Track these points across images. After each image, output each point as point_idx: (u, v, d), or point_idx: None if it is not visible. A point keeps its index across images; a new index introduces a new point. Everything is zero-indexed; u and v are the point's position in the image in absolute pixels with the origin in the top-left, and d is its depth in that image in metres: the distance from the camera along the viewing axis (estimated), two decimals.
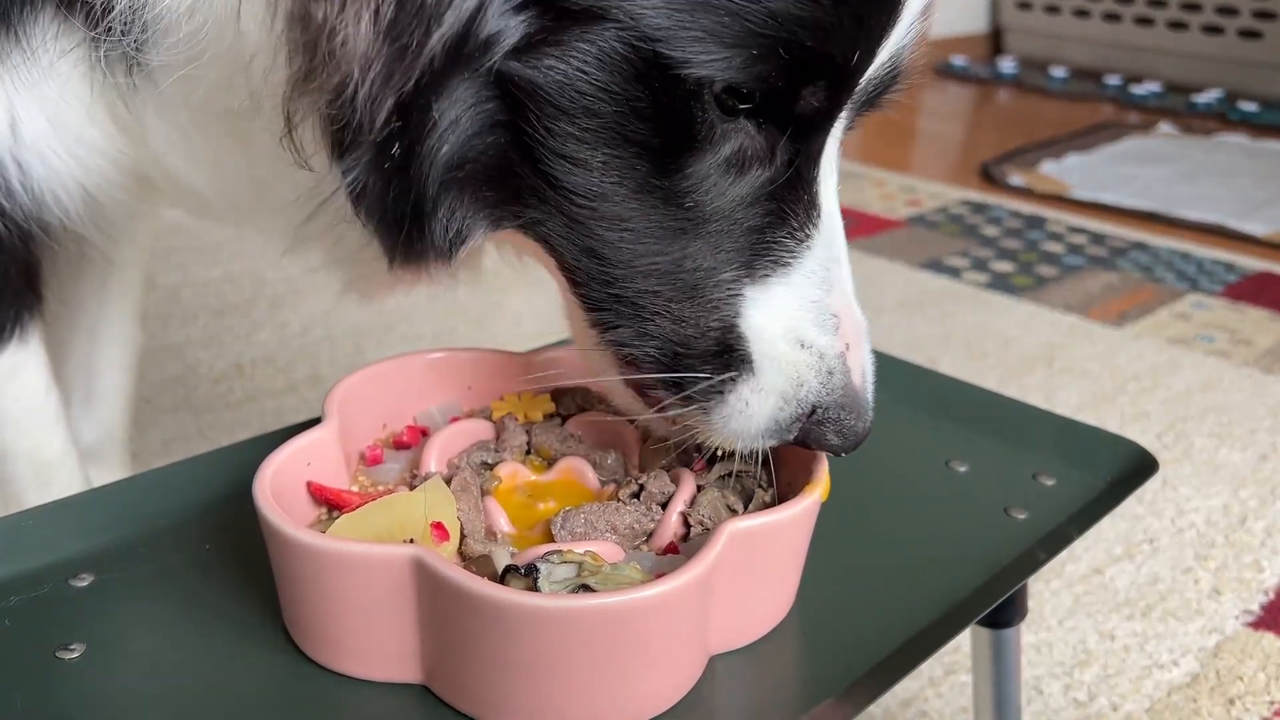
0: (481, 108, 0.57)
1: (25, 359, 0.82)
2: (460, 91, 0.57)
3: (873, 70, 0.60)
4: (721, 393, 0.60)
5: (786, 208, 0.61)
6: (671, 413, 0.62)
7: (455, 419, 0.69)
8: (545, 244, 0.63)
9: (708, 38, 0.54)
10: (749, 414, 0.60)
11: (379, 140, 0.56)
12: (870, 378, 0.63)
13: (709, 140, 0.58)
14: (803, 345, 0.60)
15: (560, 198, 0.59)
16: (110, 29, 0.63)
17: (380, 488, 0.64)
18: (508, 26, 0.55)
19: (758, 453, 0.62)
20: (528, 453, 0.67)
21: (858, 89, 0.60)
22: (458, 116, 0.57)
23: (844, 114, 0.61)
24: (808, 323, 0.61)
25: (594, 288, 0.62)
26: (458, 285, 0.70)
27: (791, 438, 0.61)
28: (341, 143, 0.57)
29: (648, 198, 0.59)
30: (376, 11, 0.53)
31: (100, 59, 0.66)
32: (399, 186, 0.59)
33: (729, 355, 0.60)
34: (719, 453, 0.65)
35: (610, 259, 0.60)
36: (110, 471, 1.07)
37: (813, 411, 0.60)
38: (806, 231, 0.61)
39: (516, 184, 0.60)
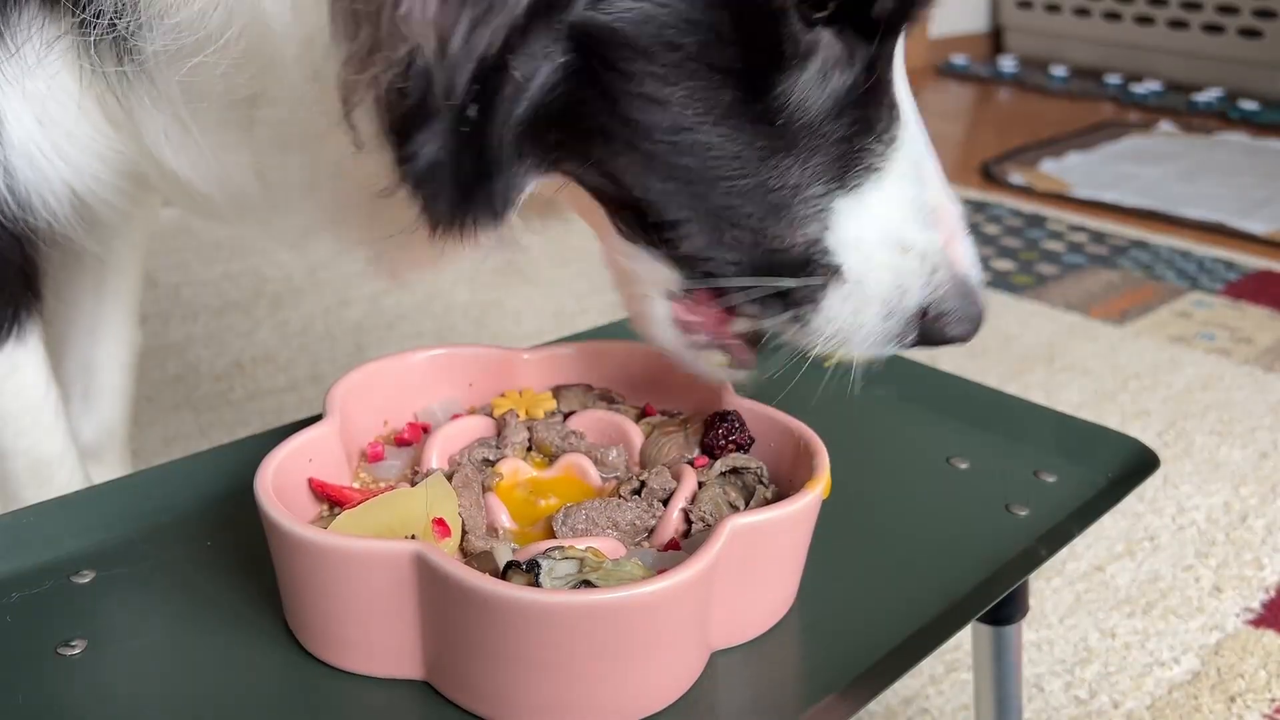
0: (554, 61, 0.55)
1: (24, 357, 0.82)
2: (536, 46, 0.55)
3: None
4: (815, 300, 0.60)
5: (871, 113, 0.60)
6: (767, 323, 0.62)
7: (456, 416, 0.69)
8: (600, 186, 0.61)
9: None
10: (850, 320, 0.60)
11: (456, 108, 0.54)
12: (975, 262, 0.63)
13: (792, 54, 0.57)
14: (904, 248, 0.60)
15: (637, 136, 0.58)
16: (100, 13, 0.61)
17: (382, 484, 0.64)
18: None
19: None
20: (529, 449, 0.67)
21: None
22: (532, 72, 0.55)
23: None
24: (908, 222, 0.61)
25: (670, 219, 0.60)
26: (497, 252, 0.66)
27: (909, 343, 0.61)
28: (406, 117, 0.54)
29: (735, 122, 0.58)
30: None
31: (89, 46, 0.64)
32: (471, 153, 0.56)
33: (818, 266, 0.60)
34: (719, 450, 0.65)
35: (692, 190, 0.59)
36: (110, 470, 1.06)
37: (925, 312, 0.61)
38: (893, 133, 0.61)
39: (582, 130, 0.58)
